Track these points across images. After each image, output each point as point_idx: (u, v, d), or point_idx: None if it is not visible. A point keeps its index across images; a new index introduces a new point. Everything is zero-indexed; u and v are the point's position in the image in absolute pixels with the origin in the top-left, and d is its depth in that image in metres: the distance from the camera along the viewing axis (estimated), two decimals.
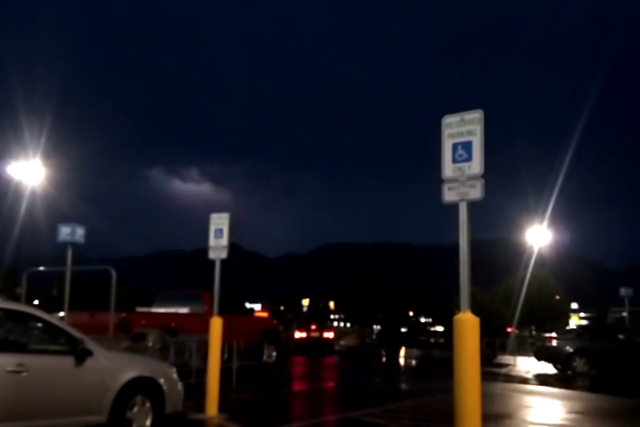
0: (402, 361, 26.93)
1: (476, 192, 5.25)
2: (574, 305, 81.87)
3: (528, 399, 12.69)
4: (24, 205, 25.76)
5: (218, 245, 9.50)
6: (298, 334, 31.36)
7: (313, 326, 32.27)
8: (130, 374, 7.01)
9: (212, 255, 9.54)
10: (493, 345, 25.12)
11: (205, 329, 9.64)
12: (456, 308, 5.59)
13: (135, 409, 7.01)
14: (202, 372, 10.41)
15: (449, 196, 5.39)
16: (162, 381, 7.41)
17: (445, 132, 5.51)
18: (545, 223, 35.93)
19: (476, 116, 5.39)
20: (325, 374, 19.41)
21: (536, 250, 36.38)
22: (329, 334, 31.83)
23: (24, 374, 5.98)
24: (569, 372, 19.48)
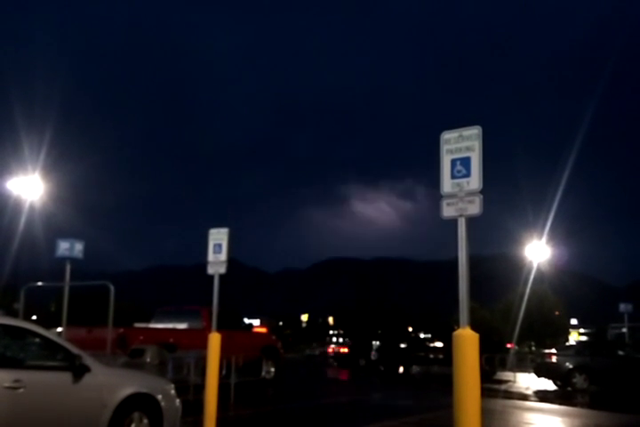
0: (401, 377, 26.78)
1: (475, 208, 5.25)
2: (574, 321, 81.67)
3: (528, 416, 12.62)
4: (23, 220, 25.74)
5: (216, 260, 9.47)
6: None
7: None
8: (127, 390, 6.98)
9: (210, 271, 9.51)
10: (493, 361, 25.01)
11: (204, 345, 9.59)
12: (455, 323, 5.57)
13: (133, 426, 6.96)
14: (200, 388, 10.35)
15: (448, 211, 5.40)
16: (160, 397, 7.37)
17: (444, 148, 5.52)
18: (544, 239, 35.90)
19: (474, 132, 5.41)
20: (324, 390, 19.29)
21: (535, 266, 36.32)
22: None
23: (21, 391, 5.94)
24: (569, 388, 19.38)
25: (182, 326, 16.66)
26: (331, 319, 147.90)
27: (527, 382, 22.22)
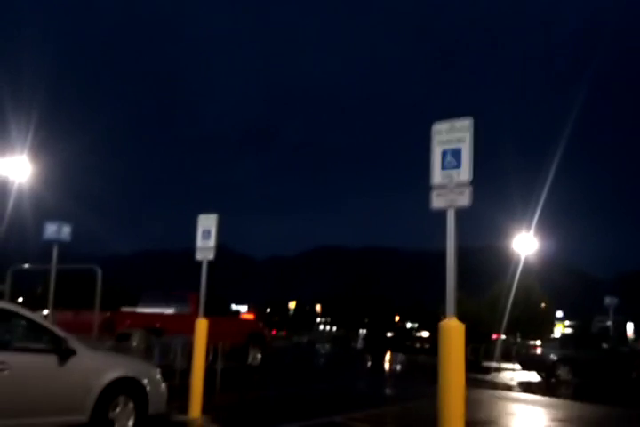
0: (387, 366, 26.94)
1: (465, 199, 5.26)
2: (559, 313, 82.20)
3: (512, 407, 12.73)
4: (11, 202, 25.55)
5: (205, 246, 9.45)
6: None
7: None
8: (113, 374, 6.98)
9: (199, 256, 9.50)
10: (478, 351, 25.21)
11: (191, 330, 9.61)
12: (442, 314, 5.60)
13: (118, 410, 6.98)
14: (186, 373, 10.37)
15: (437, 202, 5.41)
16: (145, 381, 7.38)
17: (435, 138, 5.52)
18: (532, 231, 35.98)
19: (466, 123, 5.40)
20: (310, 377, 19.37)
21: (523, 258, 36.44)
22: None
23: (6, 373, 5.93)
24: (553, 380, 19.57)
25: (169, 310, 16.64)
26: (318, 307, 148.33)
27: (512, 372, 22.40)
